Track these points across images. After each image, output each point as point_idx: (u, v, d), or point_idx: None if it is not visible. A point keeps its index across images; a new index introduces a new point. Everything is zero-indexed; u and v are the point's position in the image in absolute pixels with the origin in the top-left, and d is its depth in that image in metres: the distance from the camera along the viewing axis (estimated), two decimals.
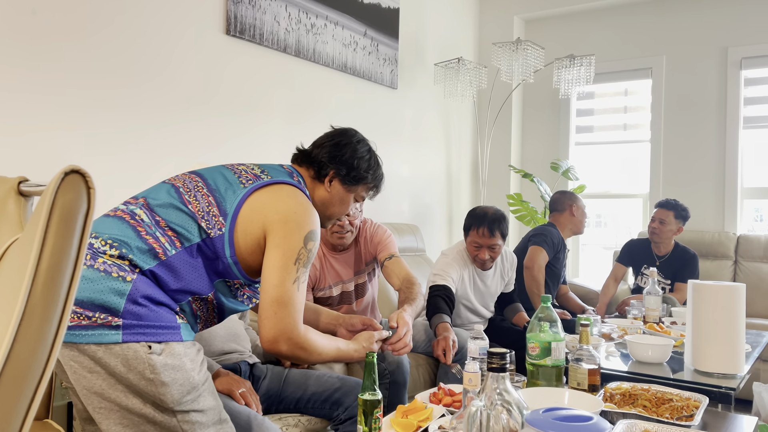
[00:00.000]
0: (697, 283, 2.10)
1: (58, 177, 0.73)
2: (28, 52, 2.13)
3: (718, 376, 2.03)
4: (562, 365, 1.82)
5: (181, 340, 1.29)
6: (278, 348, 1.40)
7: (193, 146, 2.69)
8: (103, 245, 1.30)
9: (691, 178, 4.34)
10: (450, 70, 4.16)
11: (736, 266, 4.04)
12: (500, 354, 1.12)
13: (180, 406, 1.26)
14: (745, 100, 4.22)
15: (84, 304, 1.22)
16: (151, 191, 1.46)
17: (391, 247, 2.44)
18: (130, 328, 1.22)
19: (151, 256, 1.31)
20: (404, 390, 2.23)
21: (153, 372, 1.22)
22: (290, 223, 1.39)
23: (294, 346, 1.41)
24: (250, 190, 1.43)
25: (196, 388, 1.29)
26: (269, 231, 1.39)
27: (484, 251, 2.68)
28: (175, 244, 1.34)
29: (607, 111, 4.75)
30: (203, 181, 1.46)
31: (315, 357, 1.47)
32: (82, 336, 1.20)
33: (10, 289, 0.74)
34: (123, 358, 1.21)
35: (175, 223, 1.36)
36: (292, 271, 1.38)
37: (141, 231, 1.33)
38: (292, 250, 1.38)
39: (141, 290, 1.26)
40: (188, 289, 1.36)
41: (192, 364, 1.29)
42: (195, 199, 1.41)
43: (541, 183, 4.38)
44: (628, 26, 4.59)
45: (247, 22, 2.90)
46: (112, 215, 1.39)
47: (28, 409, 0.71)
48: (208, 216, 1.39)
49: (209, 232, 1.38)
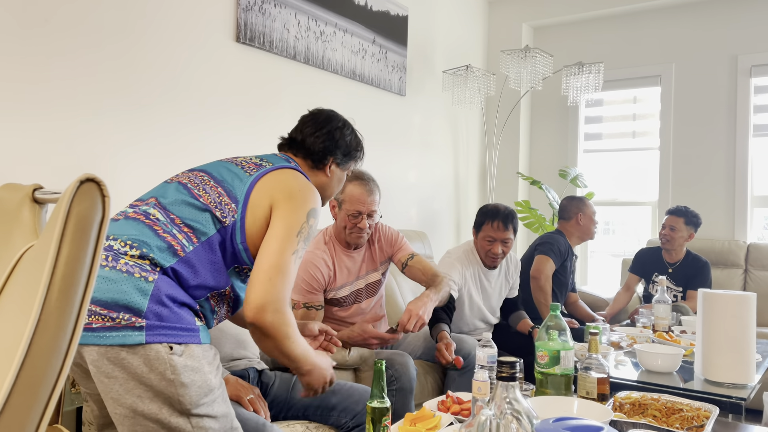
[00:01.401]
0: (707, 292, 2.09)
1: (73, 185, 0.74)
2: (42, 60, 2.16)
3: (728, 385, 2.02)
4: (571, 374, 1.82)
5: (200, 342, 1.31)
6: (262, 317, 1.33)
7: (203, 152, 2.71)
8: (123, 246, 1.32)
9: (701, 186, 4.32)
10: (458, 77, 4.16)
11: (747, 275, 4.01)
12: (510, 363, 1.12)
13: (197, 409, 1.28)
14: (755, 108, 4.20)
15: (108, 305, 1.23)
16: (158, 191, 1.48)
17: (409, 247, 2.51)
18: (153, 329, 1.24)
19: (170, 253, 1.34)
20: (411, 396, 2.22)
21: (174, 373, 1.24)
22: (295, 200, 1.45)
23: (278, 320, 1.35)
24: (257, 177, 1.48)
25: (212, 390, 1.31)
26: (275, 207, 1.44)
27: (497, 245, 2.73)
28: (191, 240, 1.37)
29: (615, 118, 4.74)
30: (208, 174, 1.50)
31: (287, 344, 1.38)
32: (107, 338, 1.22)
33: (25, 296, 0.75)
34: (145, 359, 1.23)
35: (189, 219, 1.39)
36: (293, 242, 1.41)
37: (158, 230, 1.36)
38: (296, 222, 1.42)
39: (163, 290, 1.28)
40: (207, 285, 1.39)
41: (209, 367, 1.31)
42: (205, 191, 1.45)
43: (549, 190, 4.37)
44: (637, 34, 4.58)
45: (257, 29, 2.92)
46: (123, 218, 1.40)
47: (42, 416, 0.71)
48: (221, 205, 1.43)
49: (224, 220, 1.41)
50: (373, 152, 3.74)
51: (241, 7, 2.83)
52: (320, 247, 2.38)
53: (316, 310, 2.30)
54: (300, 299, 2.30)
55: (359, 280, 2.45)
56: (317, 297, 2.32)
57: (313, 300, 2.31)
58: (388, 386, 2.18)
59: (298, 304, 2.30)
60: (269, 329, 1.35)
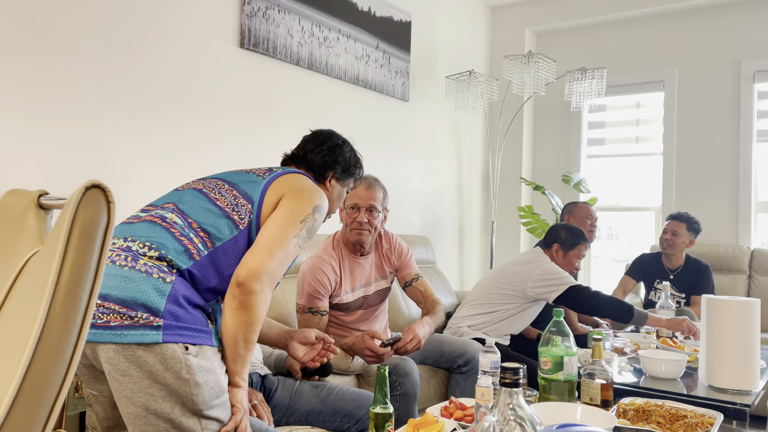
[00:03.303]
0: (711, 298, 2.09)
1: (79, 191, 0.75)
2: (49, 65, 2.17)
3: (732, 392, 2.01)
4: (575, 380, 1.81)
5: (212, 344, 1.34)
6: (252, 282, 1.33)
7: (207, 157, 2.72)
8: (142, 247, 1.35)
9: (704, 192, 4.32)
10: (461, 83, 4.17)
11: (751, 281, 4.00)
12: (513, 369, 1.12)
13: (209, 410, 1.30)
14: (759, 113, 4.19)
15: (127, 303, 1.25)
16: (173, 197, 1.51)
17: (415, 267, 2.56)
18: (169, 329, 1.26)
19: (187, 256, 1.37)
20: (414, 402, 2.22)
21: (189, 372, 1.27)
22: (303, 193, 1.50)
23: (264, 295, 1.35)
24: (270, 179, 1.53)
25: (224, 392, 1.34)
26: (283, 197, 1.48)
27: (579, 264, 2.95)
28: (207, 245, 1.40)
29: (619, 124, 4.73)
30: (222, 180, 1.55)
31: (254, 329, 1.36)
32: (125, 336, 1.24)
33: (30, 301, 0.75)
34: (161, 358, 1.25)
35: (206, 224, 1.42)
36: (296, 225, 1.44)
37: (175, 232, 1.39)
38: (302, 210, 1.46)
39: (180, 291, 1.31)
40: (218, 288, 1.42)
41: (221, 369, 1.34)
42: (221, 194, 1.49)
43: (552, 195, 4.37)
44: (640, 39, 4.59)
45: (261, 35, 2.93)
46: (139, 221, 1.43)
47: (46, 421, 0.72)
48: (237, 207, 1.46)
49: (241, 223, 1.44)
50: (377, 157, 3.75)
51: (245, 13, 2.84)
52: (328, 252, 2.38)
53: (320, 315, 2.30)
54: (305, 303, 2.30)
55: (368, 287, 2.46)
56: (322, 303, 2.31)
57: (318, 305, 2.30)
58: (392, 391, 2.17)
59: (303, 308, 2.30)
60: (252, 299, 1.34)
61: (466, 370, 2.52)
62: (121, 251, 1.33)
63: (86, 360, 1.35)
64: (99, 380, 1.40)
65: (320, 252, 2.39)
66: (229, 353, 1.37)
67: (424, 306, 2.44)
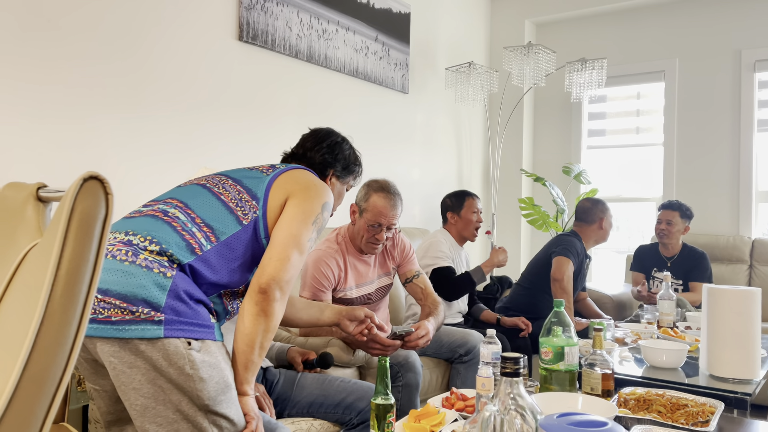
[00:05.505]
0: (712, 287, 2.09)
1: (77, 183, 0.74)
2: (49, 62, 2.16)
3: (733, 381, 2.01)
4: (576, 370, 1.82)
5: (215, 339, 1.33)
6: (274, 290, 1.36)
7: (206, 150, 2.71)
8: (142, 241, 1.34)
9: (705, 182, 4.31)
10: (461, 75, 4.16)
11: (752, 270, 4.00)
12: (514, 359, 1.12)
13: (215, 406, 1.29)
14: (759, 103, 4.18)
15: (128, 298, 1.25)
16: (176, 192, 1.51)
17: (416, 263, 2.56)
18: (171, 324, 1.26)
19: (188, 251, 1.36)
20: (416, 393, 2.22)
21: (192, 367, 1.26)
22: (310, 190, 1.50)
23: (285, 298, 1.38)
24: (274, 176, 1.54)
25: (230, 388, 1.33)
26: (291, 197, 1.49)
27: (480, 215, 3.11)
28: (210, 239, 1.40)
29: (619, 114, 4.72)
30: (226, 176, 1.56)
31: (270, 335, 1.38)
32: (126, 330, 1.23)
33: (29, 294, 0.75)
34: (164, 353, 1.25)
35: (210, 218, 1.43)
36: (309, 228, 1.46)
37: (177, 227, 1.39)
38: (312, 210, 1.47)
39: (181, 286, 1.31)
40: (221, 283, 1.42)
41: (226, 364, 1.34)
42: (225, 189, 1.49)
43: (552, 187, 4.36)
44: (640, 29, 4.57)
45: (260, 28, 2.92)
46: (140, 215, 1.42)
47: (47, 413, 0.72)
48: (241, 202, 1.47)
49: (245, 219, 1.44)
50: (376, 150, 3.74)
51: (244, 6, 2.83)
52: (332, 246, 2.37)
53: None
54: (308, 296, 2.30)
55: (372, 284, 2.45)
56: (325, 296, 2.31)
57: (321, 298, 2.30)
58: (394, 383, 2.18)
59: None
60: (273, 306, 1.37)
61: (467, 359, 2.53)
62: (122, 245, 1.33)
63: (88, 354, 1.35)
64: (100, 375, 1.39)
65: (323, 245, 2.38)
66: (241, 359, 1.37)
67: (425, 305, 2.42)
